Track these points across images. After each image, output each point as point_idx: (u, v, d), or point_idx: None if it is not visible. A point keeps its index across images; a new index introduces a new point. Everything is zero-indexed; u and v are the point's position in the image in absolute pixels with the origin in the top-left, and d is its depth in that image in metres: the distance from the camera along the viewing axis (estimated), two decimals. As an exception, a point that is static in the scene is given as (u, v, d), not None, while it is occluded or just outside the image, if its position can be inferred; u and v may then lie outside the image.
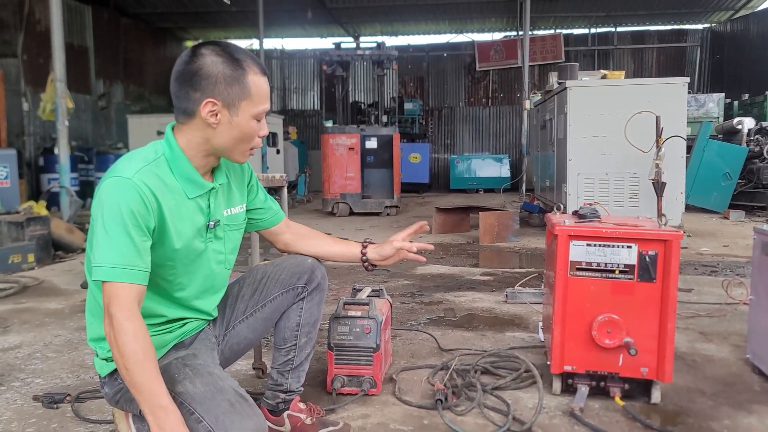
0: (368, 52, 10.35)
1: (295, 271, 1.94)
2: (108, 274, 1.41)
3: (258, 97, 1.59)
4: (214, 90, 1.53)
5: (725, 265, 5.13)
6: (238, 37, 19.71)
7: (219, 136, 1.58)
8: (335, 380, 2.31)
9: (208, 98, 1.53)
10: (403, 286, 4.45)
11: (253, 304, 1.91)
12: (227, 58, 1.55)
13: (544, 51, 17.32)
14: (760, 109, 11.59)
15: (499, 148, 17.99)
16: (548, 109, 7.85)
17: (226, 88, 1.54)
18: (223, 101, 1.54)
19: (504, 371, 2.51)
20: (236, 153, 1.64)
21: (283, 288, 1.92)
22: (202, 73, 1.53)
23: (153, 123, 12.43)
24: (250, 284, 1.94)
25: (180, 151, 1.60)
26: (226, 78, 1.54)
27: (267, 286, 1.92)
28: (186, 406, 1.45)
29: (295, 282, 1.93)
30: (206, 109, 1.54)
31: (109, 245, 1.43)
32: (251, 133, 1.61)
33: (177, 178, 1.59)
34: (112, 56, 15.02)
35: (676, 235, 2.11)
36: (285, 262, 1.97)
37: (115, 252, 1.42)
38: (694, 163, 8.68)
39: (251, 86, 1.57)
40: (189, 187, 1.61)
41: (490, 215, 6.76)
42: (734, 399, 2.30)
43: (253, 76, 1.57)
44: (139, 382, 1.36)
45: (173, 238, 1.58)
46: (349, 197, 9.94)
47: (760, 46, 15.08)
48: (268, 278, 1.94)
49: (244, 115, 1.57)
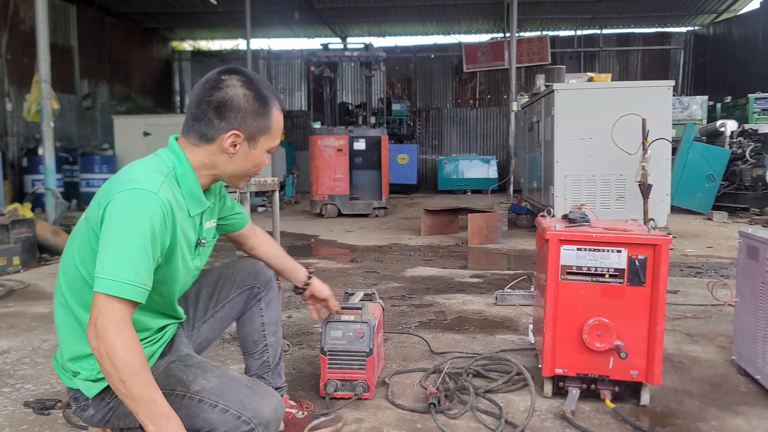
0: (356, 53, 10.36)
1: (251, 272, 2.03)
2: (119, 290, 1.37)
3: (276, 132, 1.67)
4: (241, 123, 1.58)
5: (710, 266, 5.20)
6: (224, 37, 19.64)
7: (232, 164, 1.64)
8: (328, 384, 2.31)
9: (233, 130, 1.58)
10: (393, 288, 4.46)
11: (213, 305, 1.99)
12: (256, 94, 1.60)
13: (530, 53, 17.42)
14: (742, 111, 11.74)
15: (486, 149, 18.07)
16: (535, 111, 7.92)
17: (252, 123, 1.60)
18: (246, 134, 1.60)
19: (495, 374, 2.54)
20: (240, 180, 1.72)
21: (240, 288, 2.01)
22: (232, 104, 1.57)
23: (139, 124, 12.36)
24: (208, 286, 2.00)
25: (190, 168, 1.61)
26: (254, 113, 1.59)
27: (224, 287, 2.00)
28: (207, 401, 1.51)
29: (252, 282, 2.02)
30: (230, 140, 1.59)
31: (124, 259, 1.39)
32: (261, 164, 1.70)
33: (184, 195, 1.60)
34: (97, 56, 14.90)
35: (665, 239, 2.14)
36: (238, 264, 2.06)
37: (130, 267, 1.38)
38: (679, 165, 8.78)
39: (273, 123, 1.64)
40: (193, 205, 1.62)
41: (478, 217, 6.79)
42: (721, 400, 2.34)
43: (276, 113, 1.65)
44: (137, 394, 1.35)
45: (179, 256, 1.60)
46: (337, 199, 9.94)
47: (742, 49, 15.28)
48: (224, 279, 2.01)
49: (261, 148, 1.65)
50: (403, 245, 6.74)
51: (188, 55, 19.94)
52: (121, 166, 9.87)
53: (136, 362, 1.36)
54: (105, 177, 11.88)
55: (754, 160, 9.37)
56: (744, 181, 9.36)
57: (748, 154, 9.42)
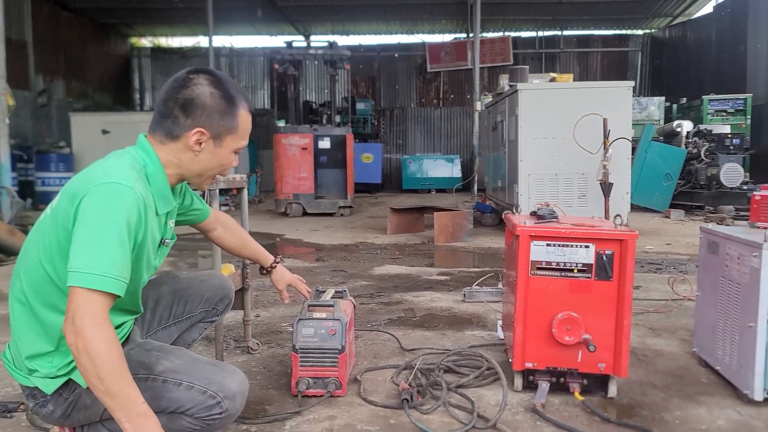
0: (320, 52, 10.32)
1: (219, 293, 2.08)
2: (99, 283, 1.35)
3: (243, 133, 1.68)
4: (207, 121, 1.59)
5: (669, 262, 5.35)
6: (185, 34, 19.33)
7: (196, 162, 1.64)
8: (300, 382, 2.30)
9: (198, 128, 1.59)
10: (362, 286, 4.46)
11: (175, 314, 1.99)
12: (223, 93, 1.61)
13: (493, 53, 17.61)
14: (696, 112, 12.11)
15: (450, 148, 18.21)
16: (499, 111, 8.00)
17: (218, 121, 1.61)
18: (212, 132, 1.61)
19: (466, 369, 2.56)
20: (204, 180, 1.71)
21: (206, 306, 2.04)
22: (198, 102, 1.58)
23: (98, 121, 12.08)
24: (174, 292, 1.99)
25: (161, 166, 1.62)
26: (220, 111, 1.61)
27: (191, 299, 2.00)
28: (171, 381, 1.53)
29: (217, 303, 2.08)
30: (194, 137, 1.60)
31: (102, 252, 1.37)
32: (226, 165, 1.70)
33: (153, 193, 1.59)
34: (53, 51, 14.50)
35: (631, 234, 2.20)
36: (209, 280, 2.09)
37: (108, 260, 1.37)
38: (638, 164, 9.00)
39: (240, 123, 1.65)
40: (161, 204, 1.63)
41: (444, 215, 6.84)
42: (684, 391, 2.41)
43: (243, 113, 1.66)
44: (115, 391, 1.33)
45: (146, 253, 1.60)
46: (302, 198, 9.89)
47: (696, 52, 15.75)
48: (193, 291, 2.01)
49: (227, 148, 1.65)
50: (369, 244, 6.74)
51: (148, 52, 19.57)
52: (78, 164, 9.72)
53: (114, 358, 1.34)
54: (62, 176, 11.57)
55: (709, 159, 9.67)
56: (699, 180, 9.66)
57: (703, 153, 9.72)
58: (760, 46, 12.82)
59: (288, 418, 2.15)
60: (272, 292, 4.31)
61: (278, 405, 2.28)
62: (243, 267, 2.89)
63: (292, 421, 2.14)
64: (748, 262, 2.24)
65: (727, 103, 11.87)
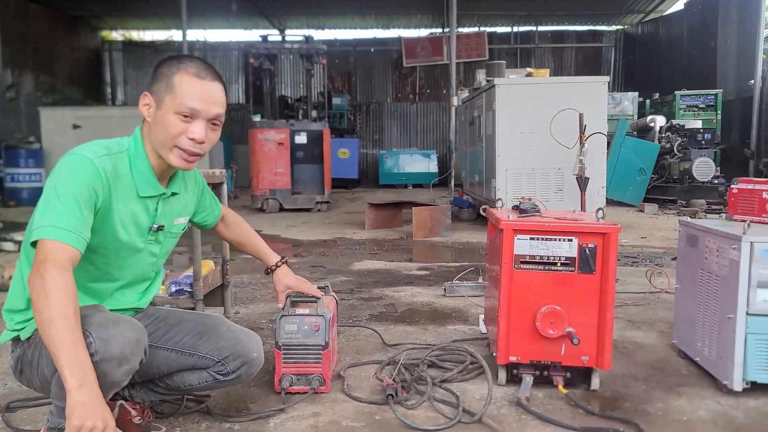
0: (296, 46, 10.23)
1: (237, 351, 1.89)
2: (52, 233, 1.45)
3: (183, 94, 1.63)
4: (152, 86, 1.67)
5: (645, 255, 5.42)
6: (157, 27, 19.01)
7: (153, 132, 1.67)
8: (283, 379, 2.27)
9: (144, 91, 1.68)
10: (342, 282, 4.44)
11: (184, 343, 1.87)
12: (173, 60, 1.68)
13: (468, 48, 17.64)
14: (669, 107, 12.29)
15: (426, 143, 18.21)
16: (476, 106, 8.03)
17: (157, 84, 1.66)
18: (154, 96, 1.66)
19: (450, 364, 2.56)
20: (166, 151, 1.67)
21: (215, 355, 1.87)
22: (157, 72, 1.68)
23: (67, 116, 11.84)
24: (196, 322, 1.91)
25: (143, 150, 1.70)
26: (162, 75, 1.66)
27: (207, 338, 1.88)
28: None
29: (228, 360, 1.88)
30: (142, 101, 1.67)
31: (59, 210, 1.48)
32: (173, 131, 1.64)
33: (134, 175, 1.68)
34: (21, 45, 14.14)
35: (614, 228, 2.21)
36: (239, 334, 1.94)
37: (64, 217, 1.48)
38: (612, 159, 9.10)
39: (176, 83, 1.64)
40: (142, 186, 1.69)
41: (422, 210, 6.85)
42: (665, 383, 2.44)
43: (183, 74, 1.64)
44: (60, 338, 1.35)
45: (115, 227, 1.66)
46: (278, 193, 9.81)
47: (667, 48, 15.97)
48: (214, 332, 1.89)
49: (166, 110, 1.64)
50: (348, 239, 6.72)
51: (119, 46, 19.19)
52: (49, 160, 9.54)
53: (69, 307, 1.38)
54: (31, 171, 11.34)
55: (681, 154, 9.82)
56: (672, 174, 9.81)
57: (675, 148, 9.87)
58: (730, 42, 13.06)
59: (272, 415, 2.12)
60: (251, 288, 4.27)
61: (261, 402, 2.25)
62: (223, 263, 2.85)
63: (276, 418, 2.11)
64: (727, 255, 2.27)
65: (699, 98, 12.07)
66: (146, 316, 1.90)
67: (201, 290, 2.62)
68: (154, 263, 1.86)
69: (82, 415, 1.32)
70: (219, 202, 2.20)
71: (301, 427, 2.05)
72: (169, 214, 1.82)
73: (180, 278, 2.76)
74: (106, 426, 1.35)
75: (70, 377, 1.33)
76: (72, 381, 1.33)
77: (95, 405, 1.34)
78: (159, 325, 1.89)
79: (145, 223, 1.73)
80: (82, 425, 1.31)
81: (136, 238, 1.72)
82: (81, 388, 1.34)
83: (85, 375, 1.35)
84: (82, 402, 1.32)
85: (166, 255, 1.93)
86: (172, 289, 2.69)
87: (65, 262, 1.44)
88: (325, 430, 2.04)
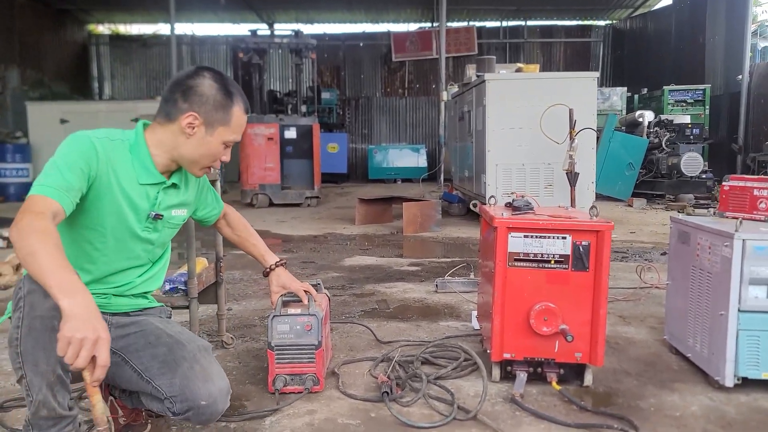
0: (285, 40, 10.19)
1: (183, 394, 1.69)
2: (36, 190, 1.53)
3: (236, 128, 1.84)
4: (201, 108, 1.76)
5: (634, 251, 5.45)
6: (145, 21, 18.83)
7: (188, 146, 1.79)
8: (277, 380, 2.25)
9: (192, 112, 1.76)
10: (333, 278, 4.43)
11: (147, 370, 1.74)
12: (222, 87, 1.79)
13: (457, 43, 17.63)
14: (657, 102, 12.36)
15: (415, 138, 18.21)
16: (466, 101, 8.03)
17: (212, 110, 1.77)
18: (204, 119, 1.77)
19: (444, 361, 2.56)
20: (196, 166, 1.85)
21: (166, 389, 1.71)
22: (197, 90, 1.76)
23: (55, 110, 11.73)
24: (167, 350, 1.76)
25: (144, 142, 1.79)
26: (216, 102, 1.78)
27: (168, 369, 1.72)
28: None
29: (175, 400, 1.70)
30: (186, 120, 1.76)
31: (48, 173, 1.57)
32: (216, 155, 1.84)
33: (133, 163, 1.77)
34: (6, 39, 13.96)
35: (607, 225, 2.22)
36: (197, 374, 1.72)
37: (50, 178, 1.56)
38: (601, 154, 9.14)
39: (233, 117, 1.81)
40: (142, 173, 1.78)
41: (413, 206, 6.85)
42: (657, 378, 2.46)
43: (237, 109, 1.82)
44: (46, 263, 1.37)
45: (113, 206, 1.73)
46: (268, 188, 9.78)
47: (656, 43, 16.05)
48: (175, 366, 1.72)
49: (217, 137, 1.81)
50: (338, 234, 6.71)
51: (106, 39, 19.01)
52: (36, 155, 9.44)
53: (49, 240, 1.41)
54: (19, 167, 11.22)
55: (670, 149, 9.89)
56: (660, 169, 9.87)
57: (664, 143, 9.93)
58: (718, 38, 13.14)
59: (268, 414, 2.12)
60: (243, 284, 4.26)
61: (256, 401, 2.24)
62: (217, 260, 2.84)
63: (272, 416, 2.11)
64: (719, 252, 2.29)
65: (687, 93, 12.14)
66: (135, 324, 1.85)
67: (195, 288, 2.60)
68: (150, 250, 1.89)
69: (73, 326, 1.30)
70: (221, 199, 2.24)
71: (296, 424, 2.05)
72: (169, 204, 1.87)
73: (174, 276, 2.74)
74: (98, 337, 1.32)
75: (59, 293, 1.32)
76: (63, 297, 1.32)
77: (87, 317, 1.32)
78: (138, 339, 1.80)
79: (144, 209, 1.80)
80: (72, 336, 1.29)
81: (135, 222, 1.78)
82: (73, 299, 1.32)
83: (76, 290, 1.35)
84: (72, 314, 1.31)
85: (162, 245, 1.96)
86: (166, 287, 2.67)
87: (45, 211, 1.48)
88: (320, 427, 2.04)
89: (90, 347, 1.31)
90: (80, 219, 1.70)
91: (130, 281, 1.88)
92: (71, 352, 1.30)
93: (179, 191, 1.92)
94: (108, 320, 1.78)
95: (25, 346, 1.48)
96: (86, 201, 1.67)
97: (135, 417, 1.96)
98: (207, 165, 1.86)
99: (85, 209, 1.68)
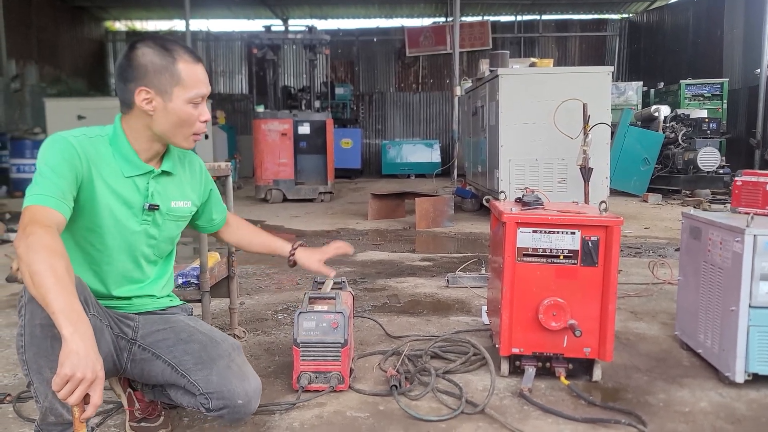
0: (299, 36, 10.21)
1: (221, 392, 1.72)
2: (34, 200, 1.51)
3: (190, 82, 1.69)
4: (145, 79, 1.66)
5: (648, 246, 5.42)
6: (161, 17, 18.97)
7: (158, 122, 1.69)
8: (301, 377, 2.22)
9: (140, 87, 1.66)
10: (345, 273, 4.45)
11: (182, 364, 1.76)
12: (157, 49, 1.67)
13: (472, 38, 17.56)
14: (674, 97, 12.23)
15: (429, 133, 18.18)
16: (480, 96, 8.01)
17: (156, 76, 1.66)
18: (155, 89, 1.66)
19: (453, 355, 2.58)
20: (178, 138, 1.74)
21: (202, 385, 1.73)
22: (134, 64, 1.66)
23: (72, 107, 11.84)
24: (201, 347, 1.78)
25: (122, 133, 1.74)
26: (156, 67, 1.66)
27: (202, 367, 1.75)
28: None
29: (211, 397, 1.73)
30: (140, 97, 1.66)
31: (40, 183, 1.54)
32: (189, 119, 1.71)
33: (115, 156, 1.72)
34: (25, 36, 14.12)
35: (616, 221, 2.22)
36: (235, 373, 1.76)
37: (43, 187, 1.53)
38: (616, 149, 9.08)
39: (181, 73, 1.68)
40: (126, 166, 1.73)
41: (425, 201, 6.85)
42: (667, 374, 2.45)
43: (183, 63, 1.68)
44: (50, 286, 1.34)
45: (105, 205, 1.69)
46: (282, 184, 9.83)
47: (673, 37, 15.87)
48: (212, 363, 1.76)
49: (178, 101, 1.68)
50: (351, 230, 6.74)
51: (123, 36, 19.18)
52: (55, 151, 9.37)
53: (57, 260, 1.38)
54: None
55: (686, 144, 9.78)
56: (677, 164, 9.77)
57: (680, 138, 9.82)
58: (737, 31, 12.97)
59: (288, 408, 2.14)
60: (255, 278, 4.30)
61: (267, 393, 2.26)
62: (229, 255, 2.87)
63: (281, 408, 2.13)
64: (730, 248, 2.28)
65: (704, 87, 12.01)
66: (164, 321, 1.86)
67: (207, 282, 2.64)
68: (154, 245, 1.82)
69: (75, 364, 1.29)
70: (225, 206, 2.15)
71: (306, 417, 2.07)
72: (165, 194, 1.80)
73: (186, 270, 2.77)
74: (96, 377, 1.32)
75: (63, 320, 1.31)
76: (66, 324, 1.31)
77: (87, 352, 1.31)
78: (169, 335, 1.82)
79: (137, 202, 1.74)
80: (72, 374, 1.28)
81: (130, 218, 1.74)
82: (75, 329, 1.31)
83: (79, 319, 1.33)
84: (75, 351, 1.29)
85: (169, 241, 1.88)
86: (179, 281, 2.70)
87: (50, 223, 1.47)
88: (330, 420, 2.06)
89: (85, 387, 1.30)
90: (77, 222, 1.67)
91: (143, 280, 1.85)
92: (66, 390, 1.29)
93: (174, 178, 1.85)
94: (135, 319, 1.82)
95: (29, 355, 1.50)
96: (78, 203, 1.64)
97: (151, 410, 1.98)
98: (189, 133, 1.74)
99: (79, 212, 1.65)
